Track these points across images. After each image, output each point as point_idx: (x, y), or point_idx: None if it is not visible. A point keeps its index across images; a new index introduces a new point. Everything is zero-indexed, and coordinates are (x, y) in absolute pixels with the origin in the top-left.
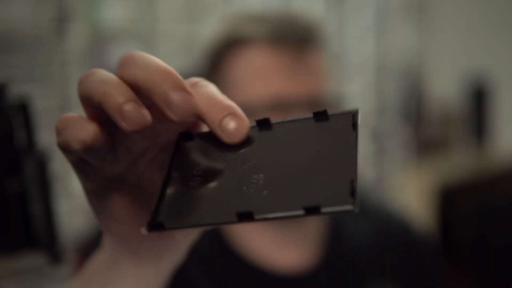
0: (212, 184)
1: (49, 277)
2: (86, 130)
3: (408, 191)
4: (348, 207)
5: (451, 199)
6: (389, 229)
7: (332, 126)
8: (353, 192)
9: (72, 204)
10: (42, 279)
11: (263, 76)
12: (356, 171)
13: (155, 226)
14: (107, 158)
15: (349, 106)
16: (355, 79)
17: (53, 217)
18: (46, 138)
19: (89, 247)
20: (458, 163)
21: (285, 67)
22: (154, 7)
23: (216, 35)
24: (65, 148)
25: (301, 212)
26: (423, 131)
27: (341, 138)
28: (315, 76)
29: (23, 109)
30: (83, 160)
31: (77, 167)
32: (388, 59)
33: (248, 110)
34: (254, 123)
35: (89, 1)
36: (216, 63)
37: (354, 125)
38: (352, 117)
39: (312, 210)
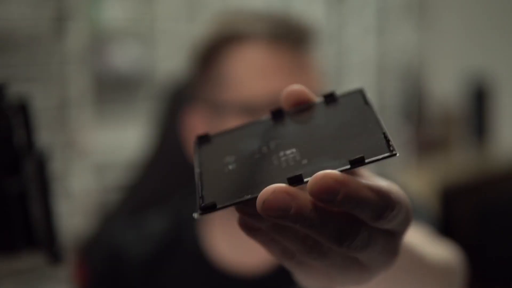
0: (250, 165)
1: (48, 277)
2: None
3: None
4: (389, 153)
5: (452, 199)
6: None
7: (344, 105)
8: (388, 141)
9: (71, 204)
10: (42, 279)
11: (263, 75)
12: (383, 126)
13: (207, 208)
14: None
15: None
16: (356, 78)
17: (53, 217)
18: (45, 137)
19: (88, 247)
20: (459, 162)
21: (283, 66)
22: (153, 6)
23: (209, 32)
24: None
25: (347, 165)
26: (424, 130)
27: (358, 112)
28: (310, 76)
29: (22, 109)
30: None
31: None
32: (389, 58)
33: (248, 108)
34: (268, 115)
35: (89, 1)
36: (208, 60)
37: (366, 101)
38: (361, 95)
39: (357, 162)
